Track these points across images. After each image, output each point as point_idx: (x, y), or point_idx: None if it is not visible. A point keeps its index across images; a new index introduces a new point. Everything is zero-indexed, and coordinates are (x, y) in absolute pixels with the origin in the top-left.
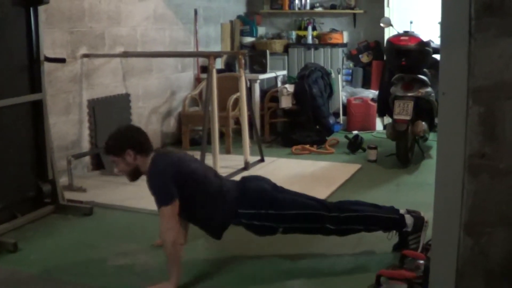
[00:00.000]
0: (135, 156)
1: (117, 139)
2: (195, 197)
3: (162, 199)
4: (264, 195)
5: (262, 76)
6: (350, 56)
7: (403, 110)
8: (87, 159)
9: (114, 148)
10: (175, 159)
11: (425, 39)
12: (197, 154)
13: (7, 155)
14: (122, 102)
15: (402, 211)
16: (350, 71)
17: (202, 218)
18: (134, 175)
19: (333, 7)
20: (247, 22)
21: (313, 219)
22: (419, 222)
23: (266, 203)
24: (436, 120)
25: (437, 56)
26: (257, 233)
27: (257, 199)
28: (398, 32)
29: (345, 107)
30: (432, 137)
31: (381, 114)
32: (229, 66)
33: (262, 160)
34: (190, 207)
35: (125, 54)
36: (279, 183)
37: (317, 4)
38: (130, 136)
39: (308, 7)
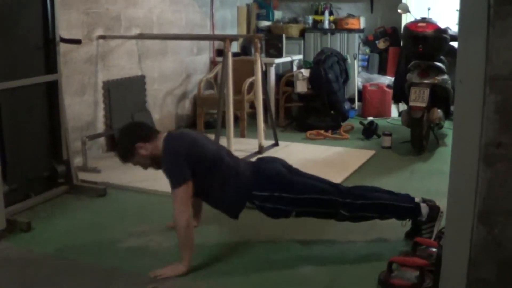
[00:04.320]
0: (146, 145)
1: (123, 143)
2: (209, 177)
3: (175, 180)
4: (279, 178)
5: (278, 60)
6: (366, 42)
7: (419, 97)
8: (101, 140)
9: (126, 152)
10: (188, 139)
11: (442, 26)
12: (211, 137)
13: (23, 135)
14: (137, 84)
15: (417, 199)
16: (366, 57)
17: (216, 198)
18: (157, 163)
19: None
20: (263, 5)
21: (327, 205)
22: (434, 211)
23: (281, 186)
24: (452, 108)
25: (454, 44)
26: (270, 215)
27: (272, 182)
28: (415, 19)
29: (360, 93)
30: (447, 125)
31: (397, 101)
32: (245, 50)
33: (276, 144)
34: (204, 187)
35: (141, 36)
36: None
37: None
38: (130, 133)
39: None
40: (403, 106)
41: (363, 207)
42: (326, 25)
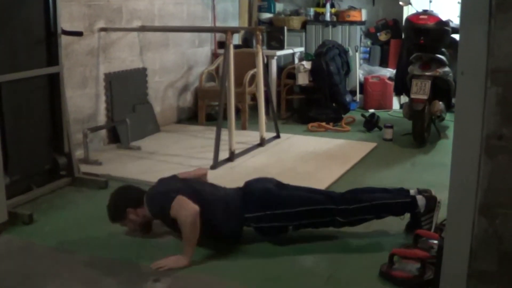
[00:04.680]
0: (136, 211)
1: (114, 206)
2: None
3: (167, 202)
4: (268, 195)
5: (279, 53)
6: (368, 34)
7: (421, 90)
8: (103, 132)
9: (117, 216)
10: (164, 189)
11: (444, 18)
12: (213, 130)
13: (24, 128)
14: (138, 76)
15: (412, 191)
16: (368, 49)
17: (213, 231)
18: (146, 227)
19: None
20: None
21: (321, 214)
22: (431, 202)
23: (272, 203)
24: (453, 100)
25: (455, 36)
26: (267, 235)
27: (262, 201)
28: (417, 11)
29: (362, 85)
30: (448, 117)
31: (398, 93)
32: (247, 42)
33: (277, 137)
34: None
35: (142, 28)
36: (294, 159)
37: None
38: (122, 199)
39: None
40: (404, 99)
41: (359, 210)
42: (328, 17)
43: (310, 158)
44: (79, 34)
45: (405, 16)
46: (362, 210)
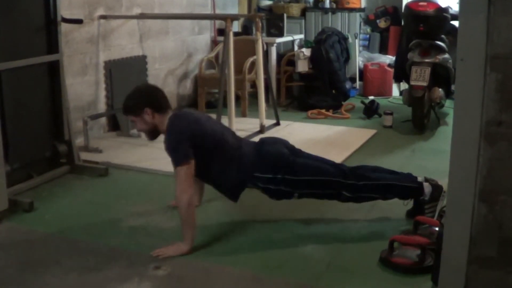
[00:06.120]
0: (153, 114)
1: (135, 98)
2: (211, 157)
3: (177, 159)
4: (282, 159)
5: (279, 40)
6: (367, 21)
7: (420, 76)
8: (103, 120)
9: (133, 107)
10: (192, 119)
11: (443, 5)
12: (213, 117)
13: (24, 116)
14: (138, 63)
15: (420, 178)
16: (368, 36)
17: (217, 179)
18: (153, 134)
19: None
20: None
21: (329, 186)
22: (437, 191)
23: (283, 168)
24: (453, 87)
25: (455, 23)
26: (272, 196)
27: (274, 164)
28: None
29: (361, 72)
30: (448, 104)
31: (398, 80)
32: (246, 29)
33: (277, 124)
34: (206, 167)
35: (142, 16)
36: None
37: None
38: (148, 95)
39: None
40: (404, 85)
41: (366, 188)
42: (327, 4)
43: (310, 145)
44: (79, 21)
45: (404, 3)
46: (369, 187)
